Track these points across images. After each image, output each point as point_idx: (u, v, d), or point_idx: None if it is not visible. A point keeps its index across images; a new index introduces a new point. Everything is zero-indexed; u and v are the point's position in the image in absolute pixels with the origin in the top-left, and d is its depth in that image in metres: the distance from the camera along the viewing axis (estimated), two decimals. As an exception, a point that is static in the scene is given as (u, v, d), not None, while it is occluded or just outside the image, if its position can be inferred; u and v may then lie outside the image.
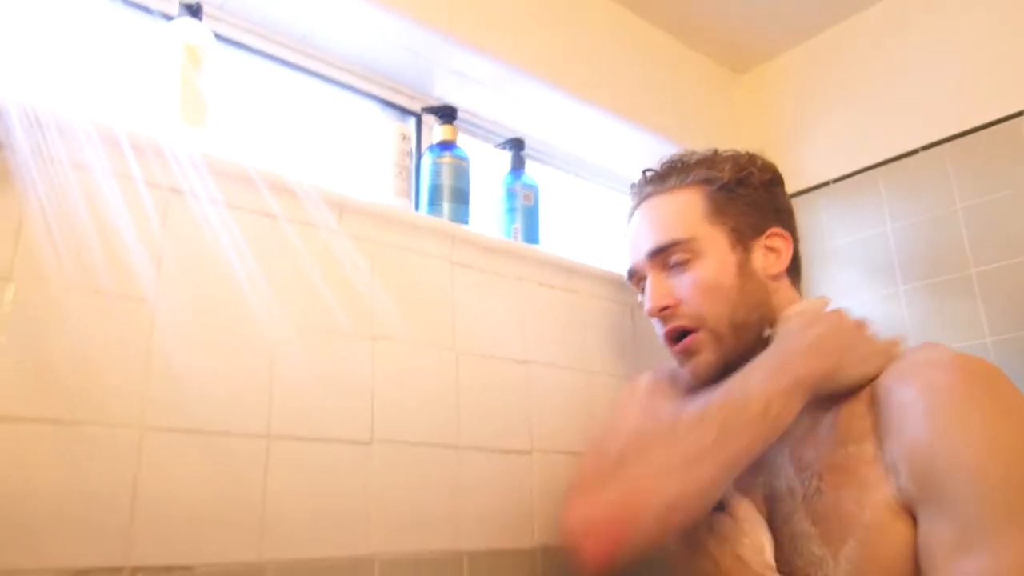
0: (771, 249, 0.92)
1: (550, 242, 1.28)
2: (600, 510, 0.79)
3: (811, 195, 1.53)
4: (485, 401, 1.02)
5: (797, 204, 1.53)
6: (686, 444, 0.77)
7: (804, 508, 0.80)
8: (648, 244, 0.93)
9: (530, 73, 1.24)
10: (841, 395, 0.82)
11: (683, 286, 0.90)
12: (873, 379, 0.80)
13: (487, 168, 1.29)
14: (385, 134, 1.11)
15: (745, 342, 0.88)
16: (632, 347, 1.25)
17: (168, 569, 0.73)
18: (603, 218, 1.53)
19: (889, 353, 0.82)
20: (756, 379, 0.78)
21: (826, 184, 1.52)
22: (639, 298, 0.98)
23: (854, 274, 1.45)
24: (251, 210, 0.88)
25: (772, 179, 0.96)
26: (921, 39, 1.44)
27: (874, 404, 0.79)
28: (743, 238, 0.91)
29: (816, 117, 1.57)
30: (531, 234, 1.21)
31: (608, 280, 1.24)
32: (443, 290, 1.03)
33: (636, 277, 0.98)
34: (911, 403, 0.74)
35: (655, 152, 1.48)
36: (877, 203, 1.43)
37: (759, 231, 0.92)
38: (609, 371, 1.20)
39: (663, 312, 0.91)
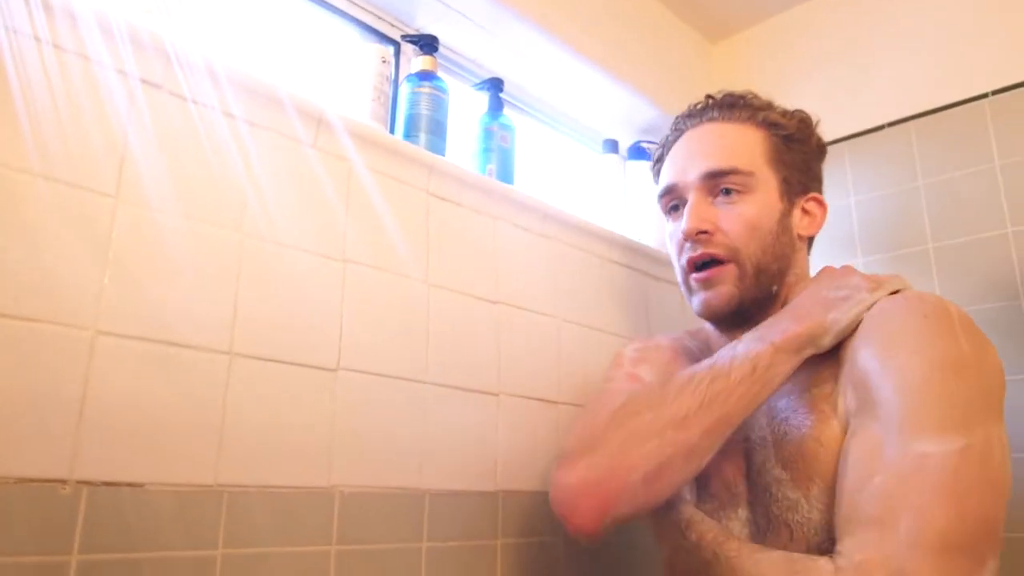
0: (807, 212, 0.93)
1: (523, 186, 1.25)
2: (589, 472, 0.78)
3: (777, 166, 1.55)
4: (455, 338, 0.99)
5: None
6: (673, 408, 0.77)
7: (775, 454, 0.81)
8: (705, 165, 0.90)
9: (514, 10, 1.20)
10: None
11: (729, 216, 0.88)
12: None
13: (462, 110, 1.25)
14: (364, 55, 1.05)
15: (760, 289, 0.88)
16: (603, 298, 1.23)
17: (116, 485, 0.68)
18: (572, 171, 1.51)
19: (867, 302, 0.82)
20: (741, 347, 0.80)
21: (793, 156, 1.53)
22: (667, 218, 0.96)
23: (816, 245, 1.46)
24: (223, 112, 0.81)
25: (823, 148, 0.98)
26: (891, 18, 1.46)
27: (840, 348, 0.81)
28: (790, 191, 0.91)
29: (785, 90, 1.57)
30: (506, 176, 1.18)
31: (582, 229, 1.22)
32: (418, 220, 0.99)
33: (672, 196, 0.94)
34: (865, 341, 0.77)
35: (631, 109, 1.47)
36: (841, 176, 1.46)
37: (803, 191, 0.93)
38: (579, 320, 1.18)
39: (700, 236, 0.89)
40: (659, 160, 1.00)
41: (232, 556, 0.73)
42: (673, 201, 0.95)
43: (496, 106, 1.23)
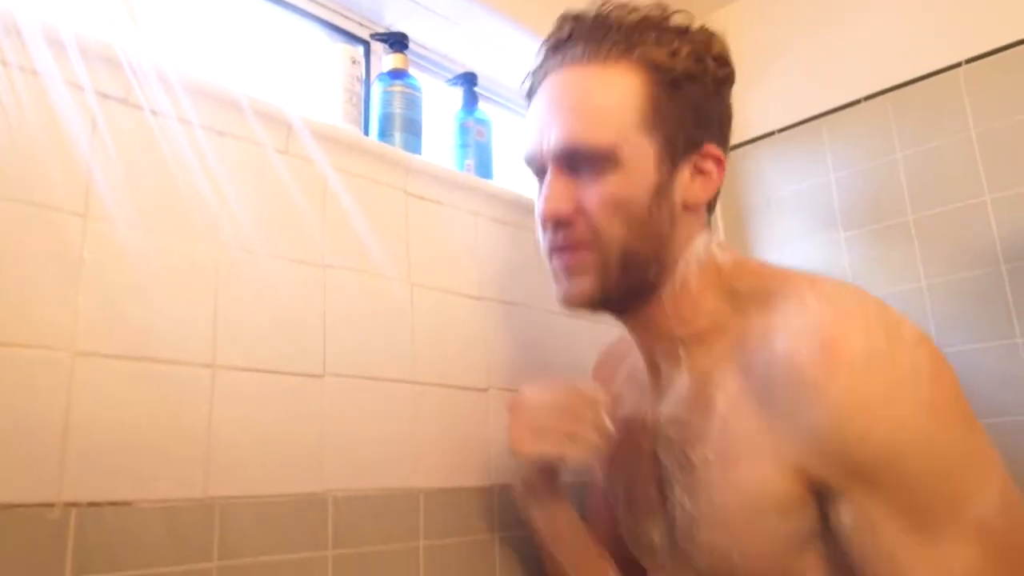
0: (701, 171, 0.76)
1: (502, 180, 1.25)
2: None
3: (756, 145, 1.55)
4: (441, 336, 0.99)
5: (742, 154, 1.56)
6: None
7: (681, 479, 0.74)
8: (560, 138, 0.73)
9: (483, 3, 1.19)
10: (706, 340, 0.75)
11: (590, 196, 0.73)
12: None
13: (436, 107, 1.24)
14: (333, 57, 1.04)
15: (628, 278, 0.75)
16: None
17: (104, 505, 0.67)
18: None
19: None
20: None
21: (771, 134, 1.54)
22: (536, 181, 0.80)
23: (797, 223, 1.47)
24: (195, 123, 0.81)
25: (726, 77, 0.77)
26: (864, -8, 1.46)
27: (742, 366, 0.70)
28: (674, 153, 0.74)
29: (761, 68, 1.57)
30: (484, 170, 1.17)
31: (562, 220, 1.22)
32: (397, 220, 0.98)
33: (535, 165, 0.79)
34: (791, 377, 0.65)
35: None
36: (820, 153, 1.46)
37: (694, 146, 0.75)
38: (565, 310, 1.17)
39: (558, 221, 0.75)
40: (529, 94, 0.81)
41: (228, 568, 0.73)
42: (536, 171, 0.79)
43: (471, 101, 1.22)
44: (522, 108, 1.44)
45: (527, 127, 0.80)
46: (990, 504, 0.61)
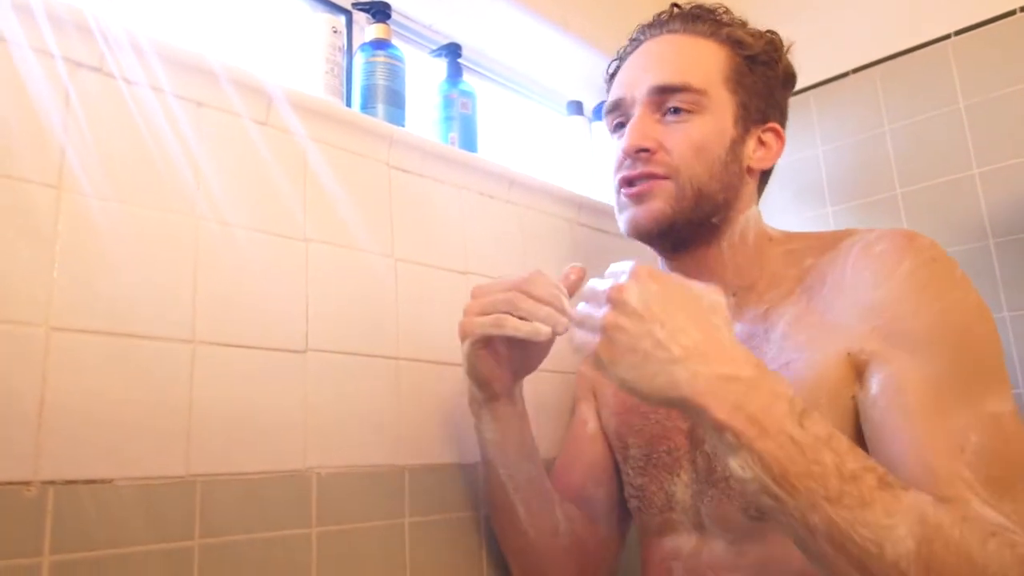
0: (763, 143, 0.86)
1: (487, 155, 1.23)
2: None
3: (744, 119, 1.53)
4: (425, 311, 0.97)
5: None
6: None
7: None
8: (655, 79, 0.83)
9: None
10: (756, 289, 0.83)
11: (674, 136, 0.81)
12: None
13: (421, 78, 1.22)
14: (315, 27, 1.02)
15: (698, 213, 0.82)
16: (572, 261, 1.21)
17: (83, 483, 0.66)
18: (537, 134, 1.49)
19: None
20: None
21: (759, 108, 1.52)
22: (613, 136, 0.89)
23: (786, 196, 1.46)
24: (173, 93, 0.78)
25: (791, 77, 0.90)
26: (855, -38, 1.44)
27: (808, 288, 0.78)
28: (747, 118, 0.84)
29: (750, 41, 1.55)
30: (469, 143, 1.15)
31: (549, 194, 1.20)
32: (380, 194, 0.97)
33: (618, 112, 0.87)
34: (860, 272, 0.73)
35: (595, 69, 1.44)
36: (808, 126, 1.45)
37: (762, 119, 0.86)
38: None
39: (640, 154, 0.82)
40: (614, 74, 0.92)
41: (210, 546, 0.72)
42: (619, 118, 0.88)
43: (455, 72, 1.20)
44: (507, 80, 1.42)
45: (615, 84, 0.90)
46: (1005, 404, 0.65)
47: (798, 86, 1.44)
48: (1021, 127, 1.21)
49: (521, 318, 0.75)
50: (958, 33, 1.29)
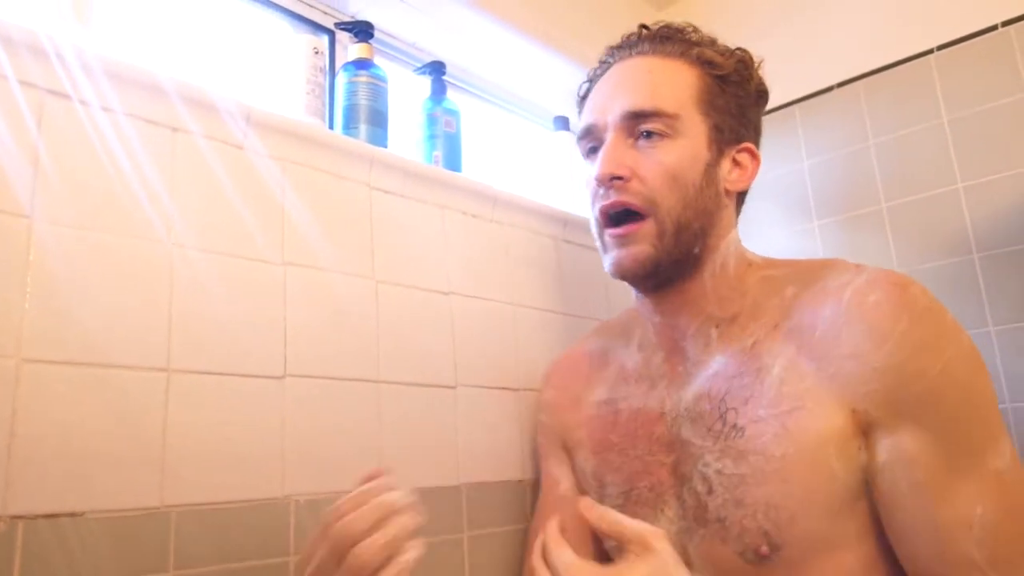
0: (738, 164, 0.85)
1: (472, 172, 1.23)
2: None
3: (730, 133, 1.53)
4: (407, 333, 0.97)
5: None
6: None
7: (722, 445, 0.76)
8: (626, 104, 0.81)
9: (450, -10, 1.16)
10: (739, 322, 0.81)
11: (647, 162, 0.80)
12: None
13: (404, 97, 1.21)
14: (296, 48, 1.01)
15: (680, 249, 0.81)
16: (557, 279, 1.22)
17: (53, 516, 0.65)
18: (523, 150, 1.48)
19: None
20: None
21: (745, 122, 1.52)
22: (586, 162, 0.87)
23: (772, 210, 1.46)
24: (145, 119, 0.78)
25: (764, 94, 0.89)
26: (839, -23, 1.44)
27: (795, 330, 0.76)
28: (720, 140, 0.83)
29: (736, 55, 1.56)
30: (453, 162, 1.15)
31: (533, 211, 1.20)
32: (361, 215, 0.96)
33: (591, 137, 0.86)
34: (854, 325, 0.71)
35: (575, 83, 1.43)
36: (794, 140, 1.45)
37: (736, 140, 0.84)
38: (535, 304, 1.16)
39: (614, 182, 0.80)
40: (584, 97, 0.91)
41: (185, 577, 0.71)
42: (592, 143, 0.86)
43: (439, 90, 1.19)
44: (493, 96, 1.42)
45: (586, 109, 0.88)
46: (1006, 456, 0.67)
47: (783, 100, 1.47)
48: (1004, 141, 1.21)
49: None
50: (941, 48, 1.29)
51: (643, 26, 0.89)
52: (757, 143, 0.88)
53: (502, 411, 1.06)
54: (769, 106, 1.45)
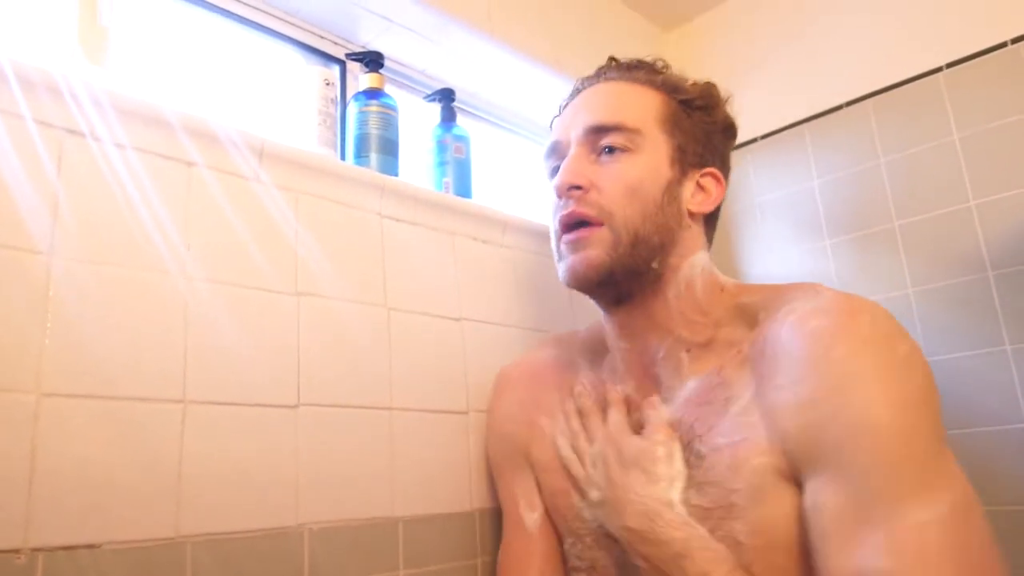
0: (702, 188, 0.84)
1: (483, 196, 1.24)
2: None
3: (740, 152, 1.54)
4: (419, 360, 0.98)
5: (727, 161, 1.55)
6: None
7: (687, 476, 0.75)
8: (588, 119, 0.83)
9: (457, 18, 1.18)
10: (712, 348, 0.80)
11: (607, 175, 0.80)
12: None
13: (415, 124, 1.23)
14: (307, 79, 1.04)
15: (635, 260, 0.79)
16: (568, 302, 1.22)
17: (72, 548, 0.66)
18: (534, 172, 1.49)
19: None
20: None
21: (754, 140, 1.52)
22: (549, 180, 0.87)
23: (782, 229, 1.46)
24: (161, 155, 0.80)
25: (731, 128, 0.89)
26: (846, -4, 1.45)
27: (753, 357, 0.74)
28: (683, 161, 0.83)
29: (743, 74, 1.56)
30: (463, 188, 1.17)
31: (543, 235, 1.20)
32: (372, 244, 0.97)
33: (555, 156, 0.87)
34: (791, 353, 0.69)
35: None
36: (804, 158, 1.45)
37: (700, 163, 0.84)
38: (546, 327, 1.17)
39: (572, 192, 0.80)
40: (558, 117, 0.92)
41: (201, 606, 0.72)
42: (556, 162, 0.86)
43: (448, 117, 1.21)
44: (501, 120, 1.44)
45: (552, 130, 0.90)
46: (939, 507, 0.60)
47: (792, 119, 1.47)
48: (1016, 159, 1.21)
49: None
50: (950, 66, 1.29)
51: (612, 58, 0.91)
52: (725, 172, 0.87)
53: (514, 436, 1.06)
54: (779, 125, 1.49)
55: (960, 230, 1.25)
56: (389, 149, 1.07)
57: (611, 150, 0.81)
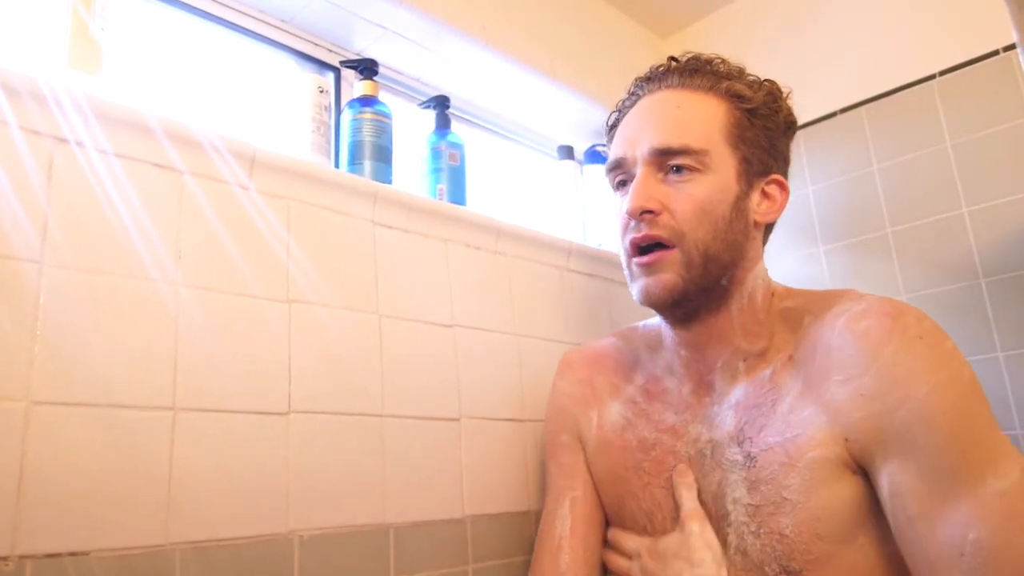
0: (767, 196, 0.85)
1: (477, 203, 1.24)
2: None
3: (735, 159, 1.54)
4: (410, 367, 0.98)
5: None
6: None
7: (743, 475, 0.78)
8: (655, 140, 0.82)
9: (452, 26, 1.18)
10: (766, 356, 0.83)
11: (678, 197, 0.81)
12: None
13: (409, 130, 1.24)
14: (301, 87, 1.04)
15: (707, 279, 0.81)
16: (563, 309, 1.22)
17: (59, 556, 0.67)
18: (528, 179, 1.50)
19: None
20: None
21: (749, 148, 1.53)
22: (616, 194, 0.89)
23: (776, 235, 1.45)
24: (152, 163, 0.80)
25: (793, 123, 0.89)
26: (838, 4, 1.45)
27: (800, 360, 0.79)
28: (749, 172, 0.83)
29: (739, 81, 1.57)
30: (457, 195, 1.17)
31: (537, 241, 1.21)
32: (364, 251, 0.98)
33: (620, 170, 0.87)
34: (846, 351, 0.74)
35: (584, 113, 1.46)
36: (798, 165, 1.45)
37: (765, 172, 0.84)
38: (538, 334, 1.17)
39: (644, 216, 0.81)
40: (613, 127, 0.92)
41: (190, 614, 0.72)
42: (621, 176, 0.87)
43: (443, 124, 1.21)
44: (497, 127, 1.44)
45: (615, 141, 0.89)
46: (1012, 476, 0.65)
47: (787, 126, 1.47)
48: (1008, 166, 1.21)
49: None
50: (943, 73, 1.30)
51: (672, 58, 0.89)
52: (786, 173, 0.88)
53: (507, 442, 1.07)
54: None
55: (953, 237, 1.25)
56: (383, 156, 1.08)
57: (679, 169, 0.81)
